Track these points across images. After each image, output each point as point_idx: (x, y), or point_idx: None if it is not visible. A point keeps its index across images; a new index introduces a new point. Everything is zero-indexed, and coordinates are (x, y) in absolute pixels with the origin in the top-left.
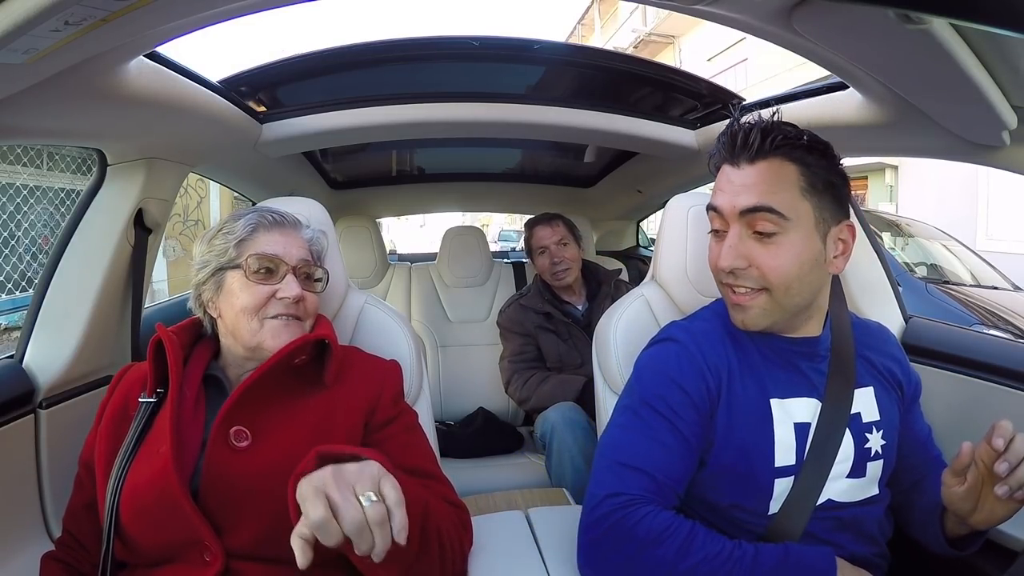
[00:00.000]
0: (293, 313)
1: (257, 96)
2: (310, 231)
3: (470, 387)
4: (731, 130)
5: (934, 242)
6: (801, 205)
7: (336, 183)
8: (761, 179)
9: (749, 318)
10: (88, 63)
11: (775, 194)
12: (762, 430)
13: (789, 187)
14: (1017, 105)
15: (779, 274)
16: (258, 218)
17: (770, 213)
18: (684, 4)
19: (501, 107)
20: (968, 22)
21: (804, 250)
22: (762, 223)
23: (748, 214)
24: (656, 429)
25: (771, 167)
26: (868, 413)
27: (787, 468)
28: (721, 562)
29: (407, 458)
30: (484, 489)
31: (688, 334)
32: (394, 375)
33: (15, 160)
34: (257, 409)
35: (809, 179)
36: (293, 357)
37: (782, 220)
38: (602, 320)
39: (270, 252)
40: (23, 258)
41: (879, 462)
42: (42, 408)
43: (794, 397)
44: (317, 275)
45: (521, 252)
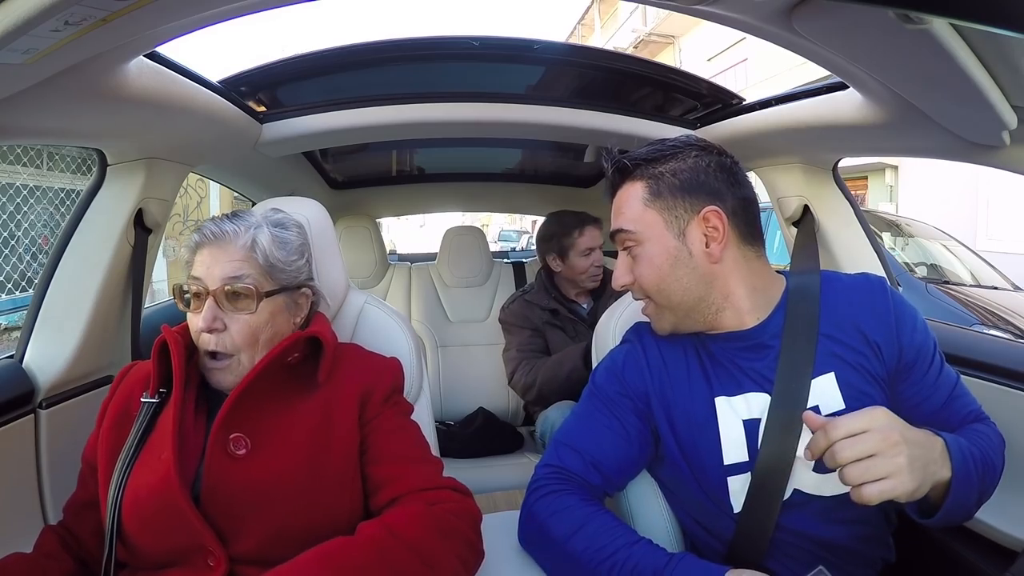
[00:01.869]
0: (213, 350)
1: (257, 96)
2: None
3: (470, 387)
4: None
5: (934, 242)
6: (646, 215)
7: (336, 183)
8: (616, 207)
9: (655, 325)
10: (88, 63)
11: (623, 215)
12: (707, 428)
13: (634, 204)
14: (1017, 105)
15: (645, 281)
16: (194, 239)
17: (621, 232)
18: (684, 4)
19: (501, 107)
20: (968, 22)
21: (658, 254)
22: (625, 241)
23: (616, 235)
24: (593, 415)
25: (623, 193)
26: (830, 403)
27: (740, 465)
28: (602, 559)
29: (394, 445)
30: (484, 489)
31: (639, 335)
32: (390, 371)
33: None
34: (254, 415)
35: (653, 189)
36: (285, 356)
37: (632, 234)
38: (602, 319)
39: (195, 275)
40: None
41: None
42: (42, 408)
43: (742, 393)
44: (236, 290)
45: (521, 252)
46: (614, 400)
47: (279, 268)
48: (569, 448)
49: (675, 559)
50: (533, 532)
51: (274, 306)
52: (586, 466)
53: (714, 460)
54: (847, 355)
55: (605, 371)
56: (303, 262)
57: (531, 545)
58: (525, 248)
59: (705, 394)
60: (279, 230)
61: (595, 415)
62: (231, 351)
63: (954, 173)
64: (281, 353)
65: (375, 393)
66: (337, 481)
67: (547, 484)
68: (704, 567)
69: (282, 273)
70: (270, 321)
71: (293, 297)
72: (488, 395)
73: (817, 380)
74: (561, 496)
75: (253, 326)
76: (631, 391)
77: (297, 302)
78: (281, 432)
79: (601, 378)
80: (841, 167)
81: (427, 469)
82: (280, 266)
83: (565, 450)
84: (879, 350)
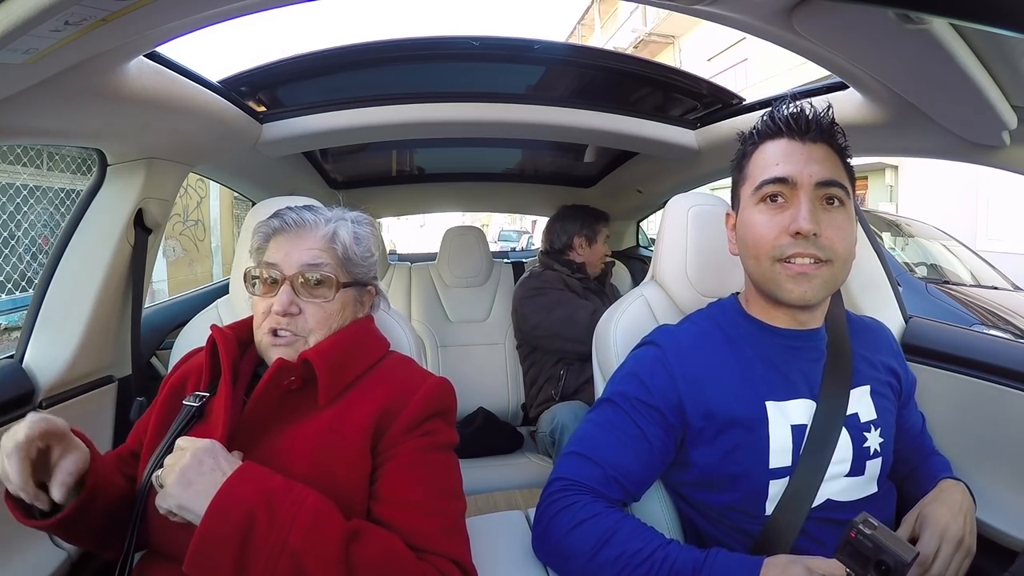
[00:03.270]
0: (282, 328)
1: (257, 96)
2: (330, 227)
3: (470, 387)
4: (795, 108)
5: (934, 242)
6: (846, 186)
7: (336, 183)
8: (828, 157)
9: (812, 289)
10: (88, 63)
11: (839, 172)
12: (756, 433)
13: (841, 170)
14: (1017, 105)
15: (845, 245)
16: (272, 225)
17: (840, 188)
18: (684, 4)
19: (501, 107)
20: (968, 22)
21: (850, 220)
22: (834, 193)
23: (823, 187)
24: (616, 425)
25: (829, 149)
26: (865, 413)
27: (783, 470)
28: (639, 562)
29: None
30: (484, 489)
31: (669, 339)
32: (423, 395)
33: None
34: (257, 442)
35: (845, 167)
36: (279, 382)
37: (846, 195)
38: (602, 319)
39: (270, 261)
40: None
41: (878, 460)
42: (42, 408)
43: (791, 399)
44: (315, 278)
45: (521, 252)
46: (638, 409)
47: (355, 262)
48: (586, 460)
49: (711, 554)
50: (554, 547)
51: (346, 297)
52: (607, 480)
53: (760, 464)
54: (875, 373)
55: (628, 377)
56: (373, 259)
57: (553, 558)
58: (525, 248)
59: (754, 398)
60: (356, 225)
61: (616, 424)
62: (302, 334)
63: (954, 173)
64: (273, 379)
65: (397, 420)
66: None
67: (564, 497)
68: (740, 559)
69: (357, 267)
70: (341, 311)
71: (361, 293)
72: (488, 395)
73: (855, 390)
74: (583, 507)
75: (328, 312)
76: (660, 401)
77: (363, 299)
78: (281, 455)
79: (623, 384)
80: None
81: (428, 524)
82: (356, 260)
83: (582, 462)
84: (896, 378)
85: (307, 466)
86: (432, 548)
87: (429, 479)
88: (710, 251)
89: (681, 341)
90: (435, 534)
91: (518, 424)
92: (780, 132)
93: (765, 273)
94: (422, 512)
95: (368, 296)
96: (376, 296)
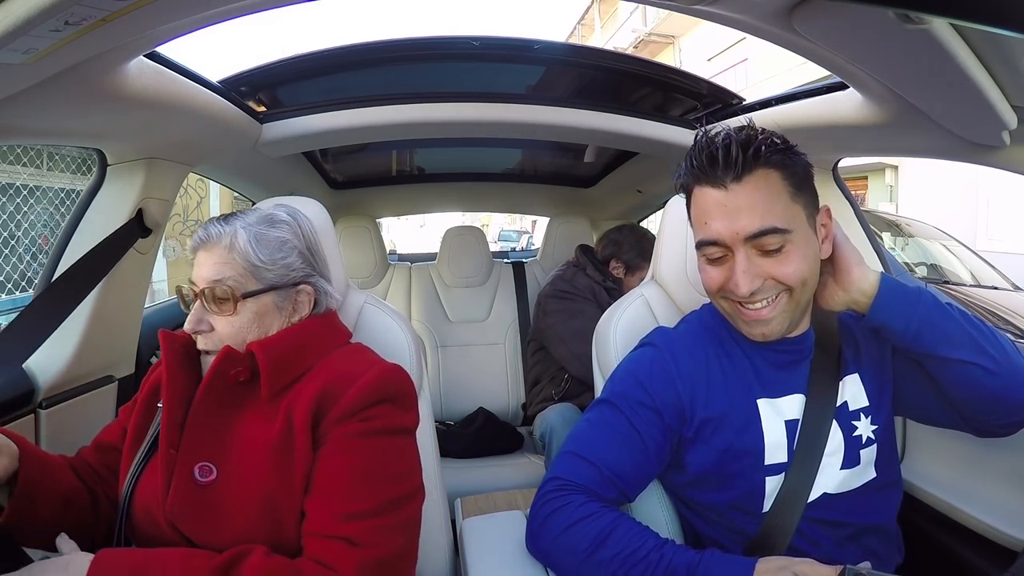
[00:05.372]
0: (204, 348)
1: (257, 96)
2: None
3: (470, 387)
4: (707, 148)
5: (934, 242)
6: (793, 209)
7: (336, 183)
8: (754, 197)
9: (771, 329)
10: (88, 63)
11: (772, 211)
12: (750, 431)
13: (780, 196)
14: (1017, 105)
15: (795, 278)
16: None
17: (775, 233)
18: (684, 4)
19: (501, 107)
20: (968, 22)
21: (807, 248)
22: (769, 242)
23: (755, 239)
24: (612, 425)
25: (759, 180)
26: (855, 400)
27: (778, 466)
28: (635, 561)
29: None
30: (484, 489)
31: (667, 340)
32: (364, 382)
33: (15, 160)
34: (214, 439)
35: (793, 180)
36: (225, 373)
37: (786, 234)
38: (602, 319)
39: (191, 277)
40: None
41: (872, 447)
42: (42, 408)
43: (784, 395)
44: (218, 294)
45: (521, 252)
46: (636, 410)
47: (263, 268)
48: (582, 460)
49: (706, 555)
50: (549, 546)
51: (260, 306)
52: (602, 480)
53: (755, 462)
54: (867, 352)
55: (626, 377)
56: (295, 259)
57: (548, 556)
58: (525, 248)
59: (746, 396)
60: (264, 228)
61: (612, 424)
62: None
63: (954, 173)
64: (219, 374)
65: (332, 408)
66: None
67: (559, 497)
68: (734, 560)
69: (268, 272)
70: (256, 321)
71: (288, 296)
72: (488, 395)
73: (845, 379)
74: (578, 507)
75: (237, 327)
76: (659, 403)
77: (295, 300)
78: (243, 452)
79: (620, 385)
80: (841, 167)
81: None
82: (264, 265)
83: (578, 462)
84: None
85: (265, 464)
86: (324, 532)
87: (353, 465)
88: None
89: (677, 342)
90: (336, 519)
91: (518, 424)
92: (703, 178)
93: (724, 311)
94: (334, 498)
95: (305, 296)
96: (317, 294)
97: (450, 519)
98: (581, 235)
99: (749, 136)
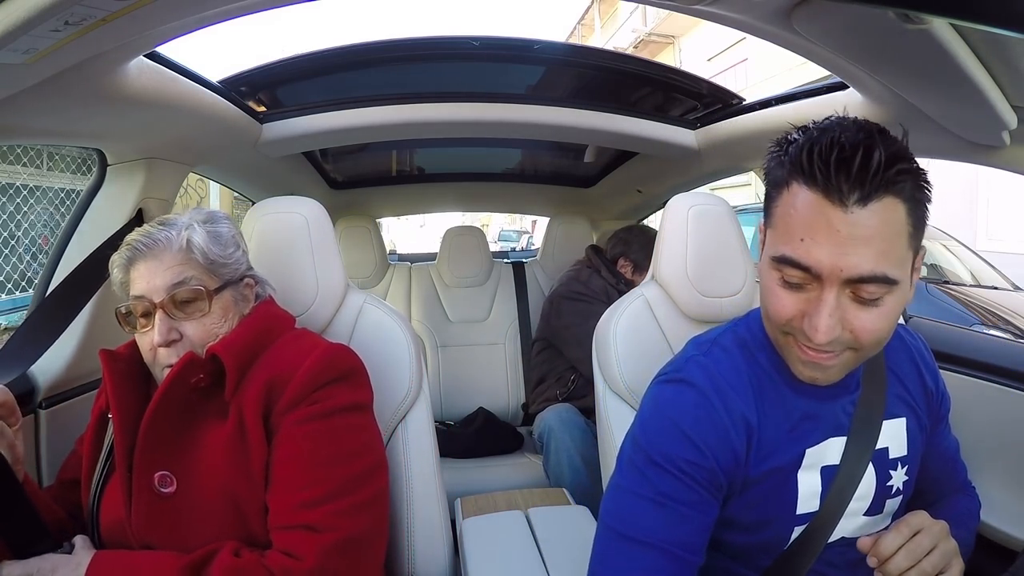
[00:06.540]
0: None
1: (257, 96)
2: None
3: (470, 387)
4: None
5: (934, 242)
6: (907, 256)
7: (336, 183)
8: (877, 231)
9: (827, 376)
10: (88, 63)
11: (888, 254)
12: (787, 482)
13: (900, 238)
14: (1017, 105)
15: (875, 336)
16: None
17: (882, 283)
18: (684, 4)
19: (501, 107)
20: (968, 22)
21: (901, 303)
22: (870, 291)
23: (856, 283)
24: (667, 494)
25: (885, 211)
26: (896, 448)
27: (809, 515)
28: None
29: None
30: (484, 489)
31: (708, 377)
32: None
33: (15, 160)
34: (171, 448)
35: (915, 220)
36: (185, 380)
37: (893, 286)
38: (602, 319)
39: (136, 293)
40: (23, 258)
41: (898, 499)
42: (42, 408)
43: (825, 439)
44: (185, 296)
45: (521, 252)
46: (689, 473)
47: (220, 263)
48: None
49: None
50: None
51: (224, 303)
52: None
53: (788, 512)
54: (911, 400)
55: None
56: (240, 252)
57: None
58: (525, 248)
59: (797, 443)
60: (210, 225)
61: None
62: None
63: (954, 173)
64: (178, 378)
65: (280, 398)
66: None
67: None
68: None
69: (224, 268)
70: (224, 318)
71: (239, 290)
72: (488, 395)
73: (888, 423)
74: None
75: (208, 326)
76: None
77: (243, 294)
78: (201, 458)
79: (662, 441)
80: None
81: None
82: (220, 261)
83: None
84: (931, 399)
85: (226, 465)
86: (286, 523)
87: (306, 451)
88: (710, 251)
89: (719, 377)
90: (295, 509)
91: (518, 424)
92: (815, 180)
93: (777, 340)
94: (292, 488)
95: (248, 289)
96: (256, 285)
97: (450, 519)
98: (581, 235)
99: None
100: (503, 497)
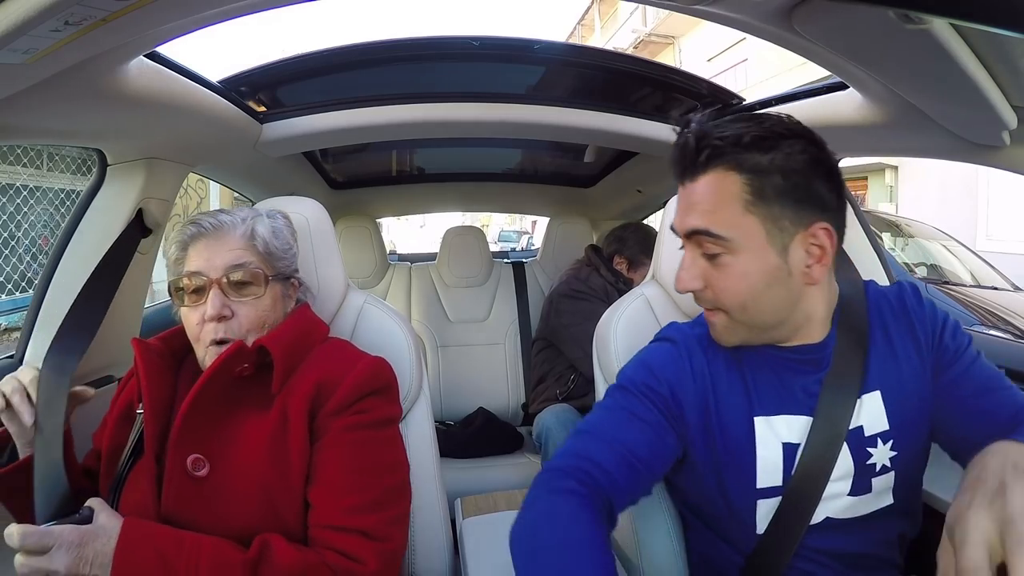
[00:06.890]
0: (222, 338)
1: (257, 96)
2: (247, 225)
3: (470, 387)
4: (676, 144)
5: (934, 242)
6: (745, 221)
7: (336, 183)
8: (702, 197)
9: (717, 334)
10: (88, 63)
11: (713, 213)
12: (743, 450)
13: (730, 202)
14: (1017, 105)
15: (729, 296)
16: (188, 232)
17: (704, 235)
18: (684, 4)
19: (501, 107)
20: (968, 22)
21: (754, 270)
22: (706, 245)
23: (694, 235)
24: (621, 403)
25: (713, 181)
26: (873, 424)
27: (773, 489)
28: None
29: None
30: (484, 489)
31: (683, 337)
32: (355, 374)
33: (15, 160)
34: (208, 433)
35: (755, 188)
36: (230, 368)
37: (724, 242)
38: (603, 318)
39: (193, 269)
40: (23, 258)
41: (888, 475)
42: None
43: (782, 414)
44: (242, 277)
45: (521, 252)
46: (647, 394)
47: (277, 256)
48: (596, 438)
49: None
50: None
51: (274, 293)
52: (617, 459)
53: (746, 482)
54: (897, 369)
55: (639, 367)
56: (293, 252)
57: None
58: (525, 248)
59: (743, 411)
60: (272, 221)
61: (625, 406)
62: (238, 336)
63: (954, 173)
64: (224, 366)
65: (328, 401)
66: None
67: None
68: None
69: (280, 261)
70: (273, 308)
71: (288, 286)
72: (488, 395)
73: (863, 398)
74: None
75: (260, 311)
76: (668, 391)
77: (290, 292)
78: (239, 447)
79: (631, 371)
80: (841, 167)
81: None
82: (278, 254)
83: (591, 439)
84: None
85: (264, 456)
86: (339, 524)
87: (354, 456)
88: None
89: (691, 339)
90: (347, 511)
91: (518, 424)
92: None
93: None
94: (341, 490)
95: (292, 289)
96: (299, 288)
97: (450, 519)
98: (581, 235)
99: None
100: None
